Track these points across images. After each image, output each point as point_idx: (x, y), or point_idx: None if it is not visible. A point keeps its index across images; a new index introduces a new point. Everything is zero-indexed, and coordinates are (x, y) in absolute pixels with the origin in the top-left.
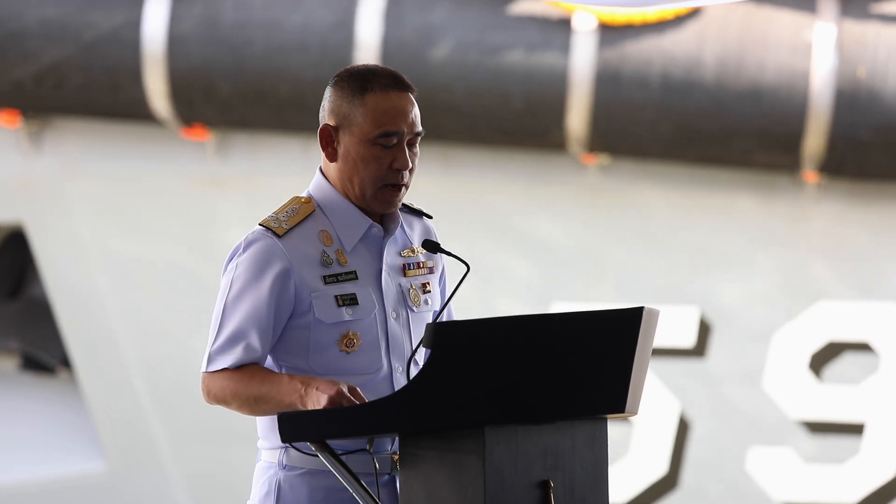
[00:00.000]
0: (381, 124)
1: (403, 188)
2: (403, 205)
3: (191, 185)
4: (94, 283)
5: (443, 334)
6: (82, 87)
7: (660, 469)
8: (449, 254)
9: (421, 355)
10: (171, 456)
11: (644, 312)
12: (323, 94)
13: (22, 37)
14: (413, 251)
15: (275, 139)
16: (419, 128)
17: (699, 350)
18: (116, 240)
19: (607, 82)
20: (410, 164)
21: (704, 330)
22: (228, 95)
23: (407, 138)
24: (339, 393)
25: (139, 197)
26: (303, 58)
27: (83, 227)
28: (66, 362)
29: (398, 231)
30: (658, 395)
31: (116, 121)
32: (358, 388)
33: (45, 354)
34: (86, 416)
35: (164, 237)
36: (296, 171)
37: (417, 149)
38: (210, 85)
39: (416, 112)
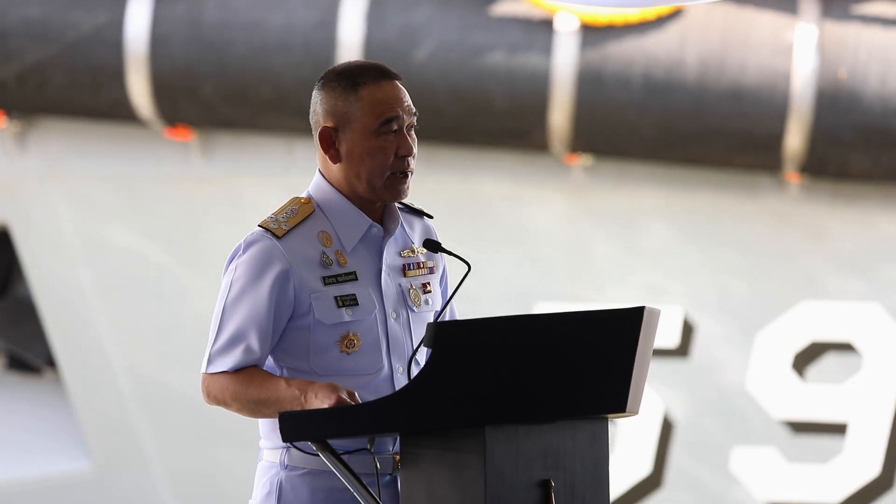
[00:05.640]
0: (380, 113)
1: (410, 175)
2: (404, 204)
3: (174, 185)
4: (78, 282)
5: (443, 334)
6: (65, 88)
7: (644, 468)
8: (450, 253)
9: (422, 355)
10: (156, 455)
11: (645, 312)
12: (306, 94)
13: (4, 37)
14: (413, 251)
15: (258, 139)
16: (414, 109)
17: (683, 350)
18: (100, 240)
19: (589, 83)
20: (414, 150)
21: (688, 330)
22: (211, 95)
23: (406, 123)
24: (339, 401)
25: (123, 197)
26: (285, 58)
27: (67, 227)
28: (51, 362)
29: (398, 231)
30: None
31: (100, 121)
32: (356, 393)
33: (30, 354)
34: (71, 416)
35: (147, 237)
36: (279, 171)
37: (415, 135)
38: (193, 85)
39: (408, 96)
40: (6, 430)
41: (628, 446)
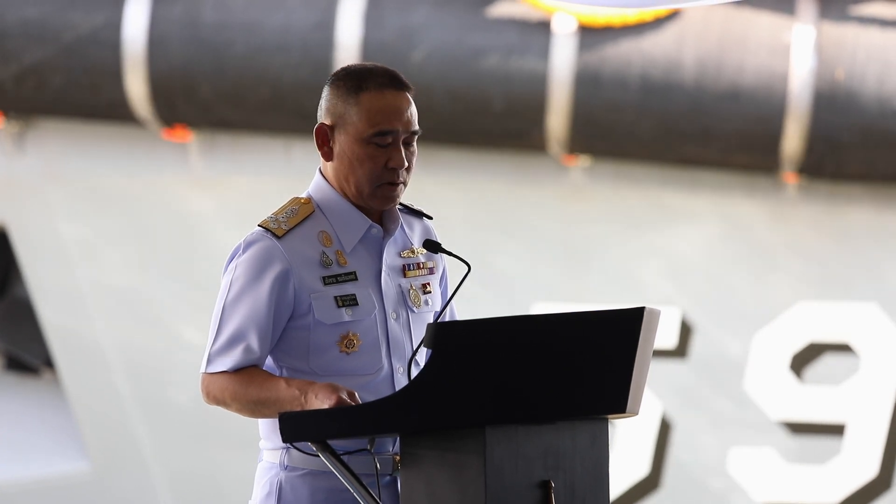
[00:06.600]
0: (375, 123)
1: (401, 185)
2: (403, 205)
3: (172, 185)
4: (76, 283)
5: (443, 334)
6: (63, 88)
7: (642, 470)
8: (450, 254)
9: (422, 356)
10: (154, 456)
11: (645, 312)
12: (304, 95)
13: (2, 37)
14: (413, 252)
15: (256, 140)
16: (415, 126)
17: (681, 351)
18: (98, 241)
19: (587, 84)
20: (406, 163)
21: (686, 331)
22: (209, 96)
23: (402, 137)
24: (339, 402)
25: (121, 198)
26: (283, 59)
27: (65, 227)
28: (49, 363)
29: (398, 232)
30: None
31: (98, 122)
32: (357, 393)
33: (28, 355)
34: (69, 417)
35: (145, 238)
36: (278, 172)
37: (415, 147)
38: (191, 86)
39: (412, 111)
40: (5, 430)
41: (626, 447)
